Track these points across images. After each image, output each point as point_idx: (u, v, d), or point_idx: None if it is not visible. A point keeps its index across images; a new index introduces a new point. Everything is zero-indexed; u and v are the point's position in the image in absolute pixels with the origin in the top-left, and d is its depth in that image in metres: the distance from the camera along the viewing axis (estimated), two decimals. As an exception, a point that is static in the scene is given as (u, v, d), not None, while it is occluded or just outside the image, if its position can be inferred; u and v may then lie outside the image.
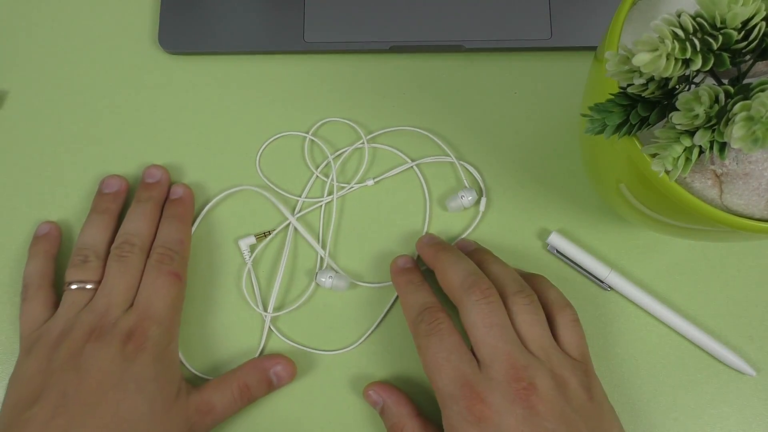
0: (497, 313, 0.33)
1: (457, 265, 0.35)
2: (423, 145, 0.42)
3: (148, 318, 0.36)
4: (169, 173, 0.42)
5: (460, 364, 0.32)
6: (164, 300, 0.37)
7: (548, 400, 0.31)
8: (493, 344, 0.32)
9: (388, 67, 0.44)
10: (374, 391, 0.37)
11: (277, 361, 0.38)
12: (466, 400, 0.31)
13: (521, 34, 0.42)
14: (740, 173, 0.26)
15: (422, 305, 0.35)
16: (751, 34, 0.22)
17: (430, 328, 0.34)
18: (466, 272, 0.35)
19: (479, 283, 0.34)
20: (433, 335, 0.33)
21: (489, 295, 0.33)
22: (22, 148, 0.43)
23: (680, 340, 0.39)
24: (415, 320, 0.35)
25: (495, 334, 0.32)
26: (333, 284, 0.40)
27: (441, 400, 0.33)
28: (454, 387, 0.32)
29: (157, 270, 0.37)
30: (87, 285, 0.37)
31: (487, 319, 0.33)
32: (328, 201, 0.42)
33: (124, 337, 0.35)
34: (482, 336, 0.33)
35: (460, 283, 0.34)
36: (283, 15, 0.43)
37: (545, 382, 0.31)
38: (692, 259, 0.40)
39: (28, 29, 0.45)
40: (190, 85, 0.44)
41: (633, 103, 0.25)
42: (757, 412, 0.38)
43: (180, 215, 0.40)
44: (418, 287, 0.37)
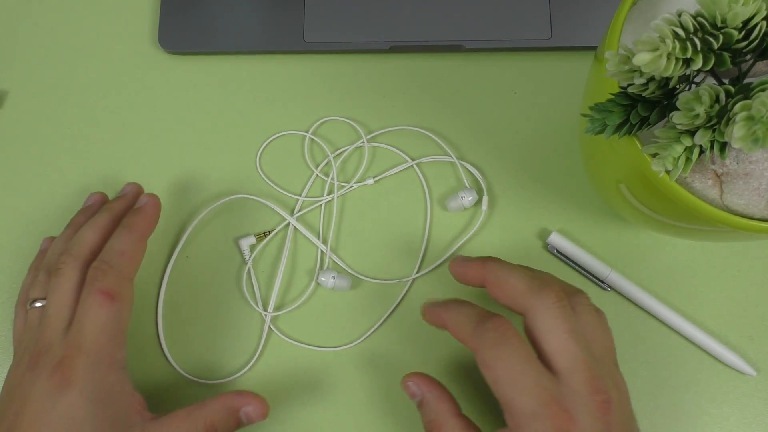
0: (572, 318, 0.30)
1: (517, 270, 0.32)
2: (423, 144, 0.42)
3: (76, 346, 0.32)
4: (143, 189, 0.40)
5: (539, 377, 0.29)
6: (93, 324, 0.32)
7: (618, 412, 0.29)
8: (572, 352, 0.29)
9: (388, 67, 0.44)
10: (414, 383, 0.34)
11: (248, 401, 0.34)
12: (553, 419, 0.28)
13: (521, 34, 0.42)
14: (741, 173, 0.26)
15: (477, 315, 0.31)
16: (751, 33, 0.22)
17: (498, 337, 0.30)
18: (530, 276, 0.31)
19: (549, 285, 0.31)
20: (503, 345, 0.29)
21: (561, 299, 0.30)
22: (22, 148, 0.43)
23: (680, 340, 0.39)
24: (476, 330, 0.30)
25: (573, 341, 0.29)
26: (335, 284, 0.39)
27: (516, 419, 0.29)
28: (536, 404, 0.28)
29: (89, 287, 0.33)
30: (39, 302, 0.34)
31: (565, 325, 0.29)
32: (329, 200, 0.42)
33: (52, 369, 0.31)
34: (560, 343, 0.29)
35: (528, 287, 0.31)
36: (283, 15, 0.43)
37: (615, 392, 0.29)
38: (692, 259, 0.40)
39: (28, 29, 0.45)
40: (190, 85, 0.44)
41: (633, 103, 0.25)
42: (757, 412, 0.38)
43: (131, 224, 0.36)
44: (462, 304, 0.33)
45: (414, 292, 0.40)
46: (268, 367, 0.40)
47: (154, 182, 0.42)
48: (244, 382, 0.39)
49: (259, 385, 0.39)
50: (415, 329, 0.40)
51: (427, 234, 0.41)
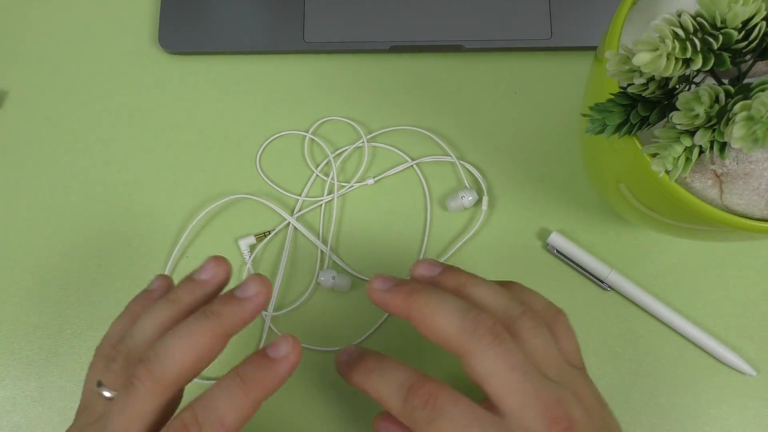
0: (513, 351, 0.27)
1: (445, 307, 0.28)
2: (423, 144, 0.42)
3: None
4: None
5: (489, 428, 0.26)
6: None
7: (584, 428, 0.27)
8: (520, 390, 0.26)
9: (388, 67, 0.44)
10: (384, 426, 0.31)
11: None
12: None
13: (521, 34, 0.42)
14: (740, 173, 0.26)
15: (401, 387, 0.27)
16: (751, 33, 0.22)
17: (429, 414, 0.26)
18: (460, 313, 0.28)
19: (481, 321, 0.27)
20: (437, 419, 0.26)
21: (498, 334, 0.27)
22: (22, 148, 0.43)
23: (680, 340, 0.39)
24: (405, 411, 0.27)
25: (518, 377, 0.27)
26: (335, 284, 0.39)
27: None
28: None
29: None
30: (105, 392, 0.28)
31: (508, 363, 0.27)
32: (329, 200, 0.42)
33: None
34: (505, 384, 0.27)
35: (459, 330, 0.27)
36: (283, 15, 0.43)
37: (577, 410, 0.27)
38: (692, 259, 0.40)
39: (28, 29, 0.45)
40: (190, 85, 0.44)
41: (633, 103, 0.25)
42: (757, 412, 0.38)
43: (253, 381, 0.27)
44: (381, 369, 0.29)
45: (414, 292, 0.40)
46: (268, 367, 0.40)
47: (155, 182, 0.42)
48: (244, 382, 0.39)
49: (259, 385, 0.39)
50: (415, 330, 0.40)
51: (427, 234, 0.41)
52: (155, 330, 0.28)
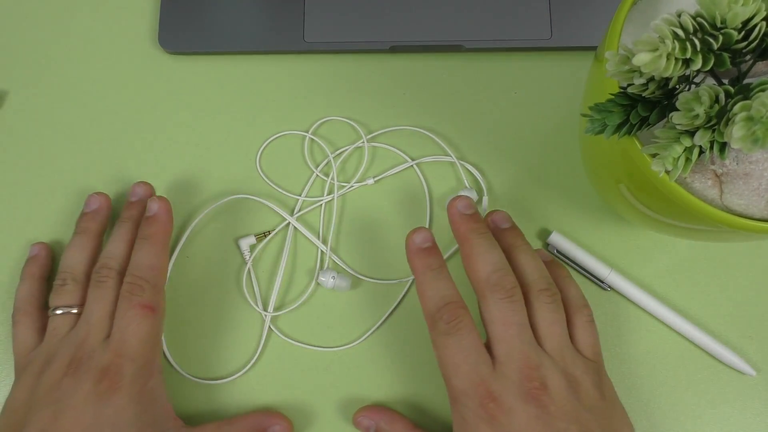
0: (518, 312, 0.33)
1: (487, 255, 0.34)
2: (423, 144, 0.42)
3: (122, 355, 0.34)
4: (154, 189, 0.41)
5: (477, 364, 0.32)
6: (136, 335, 0.34)
7: (560, 399, 0.31)
8: (509, 342, 0.32)
9: (388, 67, 0.44)
10: (364, 416, 0.37)
11: (277, 421, 0.37)
12: (480, 398, 0.31)
13: (521, 34, 0.42)
14: (740, 173, 0.26)
15: (441, 299, 0.33)
16: (751, 34, 0.22)
17: (449, 328, 0.32)
18: (494, 266, 0.33)
19: (504, 281, 0.33)
20: (452, 335, 0.32)
21: (512, 294, 0.33)
22: (22, 148, 0.43)
23: (680, 340, 0.39)
24: (433, 316, 0.33)
25: (512, 333, 0.32)
26: (335, 284, 0.39)
27: (453, 397, 0.33)
28: (468, 385, 0.32)
29: (128, 302, 0.35)
30: (70, 309, 0.36)
31: (508, 318, 0.32)
32: (329, 200, 0.42)
33: (98, 375, 0.33)
34: (500, 333, 0.32)
35: (486, 278, 0.33)
36: (283, 15, 0.43)
37: (557, 382, 0.32)
38: (692, 259, 0.40)
39: (28, 29, 0.45)
40: (190, 85, 0.44)
41: (633, 103, 0.25)
42: (757, 412, 0.38)
43: (152, 235, 0.37)
44: (437, 275, 0.34)
45: (414, 292, 0.40)
46: (268, 367, 0.40)
47: (155, 182, 0.42)
48: (244, 382, 0.39)
49: (259, 385, 0.39)
50: (415, 330, 0.40)
51: (427, 234, 0.41)
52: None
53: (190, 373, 0.39)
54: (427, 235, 0.35)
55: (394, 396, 0.39)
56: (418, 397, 0.39)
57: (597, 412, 0.32)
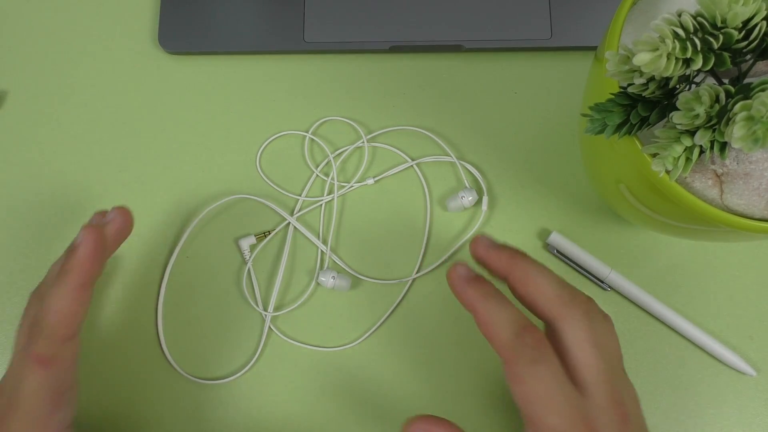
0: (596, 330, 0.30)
1: (547, 275, 0.31)
2: (423, 144, 0.42)
3: (9, 406, 0.31)
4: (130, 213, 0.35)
5: (570, 396, 0.28)
6: (27, 389, 0.31)
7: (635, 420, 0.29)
8: (596, 365, 0.29)
9: (388, 67, 0.44)
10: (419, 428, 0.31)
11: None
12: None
13: (521, 34, 0.42)
14: (741, 173, 0.26)
15: (517, 323, 0.29)
16: (751, 33, 0.22)
17: (536, 355, 0.28)
18: (560, 283, 0.30)
19: (578, 296, 0.30)
20: (540, 363, 0.28)
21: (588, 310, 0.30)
22: (22, 148, 0.43)
23: (680, 340, 0.39)
24: (513, 344, 0.29)
25: (597, 354, 0.29)
26: (335, 284, 0.39)
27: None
28: (567, 424, 0.28)
29: (23, 352, 0.31)
30: None
31: (591, 338, 0.29)
32: (329, 200, 0.42)
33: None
34: (588, 358, 0.29)
35: (558, 295, 0.30)
36: (283, 15, 0.43)
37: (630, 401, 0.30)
38: (692, 259, 0.40)
39: (28, 29, 0.45)
40: (190, 85, 0.44)
41: (633, 103, 0.25)
42: (757, 412, 0.38)
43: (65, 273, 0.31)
44: (502, 302, 0.30)
45: (414, 292, 0.40)
46: (268, 367, 0.40)
47: (154, 182, 0.42)
48: (244, 382, 0.39)
49: (259, 385, 0.39)
50: (415, 330, 0.40)
51: (427, 234, 0.41)
52: None
53: (190, 373, 0.39)
54: (468, 267, 0.32)
55: (394, 396, 0.39)
56: (418, 397, 0.39)
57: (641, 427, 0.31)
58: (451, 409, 0.39)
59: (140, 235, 0.41)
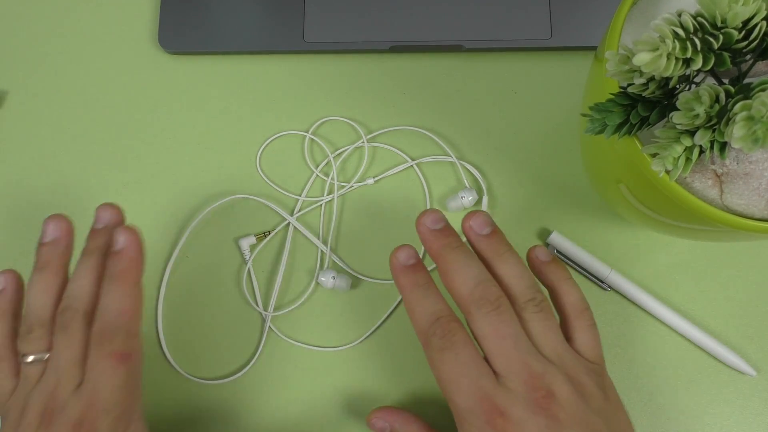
0: (508, 323, 0.31)
1: (465, 271, 0.32)
2: (423, 144, 0.42)
3: (95, 406, 0.31)
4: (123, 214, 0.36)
5: (479, 378, 0.30)
6: (110, 385, 0.32)
7: (568, 406, 0.30)
8: (507, 354, 0.31)
9: (388, 67, 0.44)
10: (379, 418, 0.36)
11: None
12: (486, 414, 0.30)
13: (521, 34, 0.42)
14: (741, 173, 0.26)
15: (432, 315, 0.32)
16: (751, 33, 0.22)
17: (443, 343, 0.31)
18: (475, 280, 0.32)
19: (488, 293, 0.32)
20: (447, 350, 0.31)
21: (499, 306, 0.31)
22: (22, 148, 0.43)
23: (680, 340, 0.39)
24: (426, 333, 0.32)
25: (509, 344, 0.31)
26: (335, 284, 0.39)
27: (459, 416, 0.31)
28: (473, 402, 0.30)
29: (98, 350, 0.32)
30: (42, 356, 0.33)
31: (500, 331, 0.31)
32: (329, 200, 0.42)
33: (73, 428, 0.31)
34: (496, 347, 0.31)
35: (469, 294, 0.32)
36: (283, 15, 0.43)
37: (563, 387, 0.30)
38: (692, 259, 0.40)
39: (28, 29, 0.45)
40: (190, 85, 0.44)
41: (633, 103, 0.25)
42: (757, 412, 0.38)
43: (120, 275, 0.33)
44: (426, 292, 0.33)
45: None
46: (268, 367, 0.40)
47: (154, 182, 0.42)
48: (244, 382, 0.39)
49: (259, 385, 0.39)
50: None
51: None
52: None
53: (191, 373, 0.39)
54: (410, 251, 0.34)
55: (394, 395, 0.39)
56: (418, 397, 0.39)
57: (604, 415, 0.31)
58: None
59: (140, 235, 0.41)
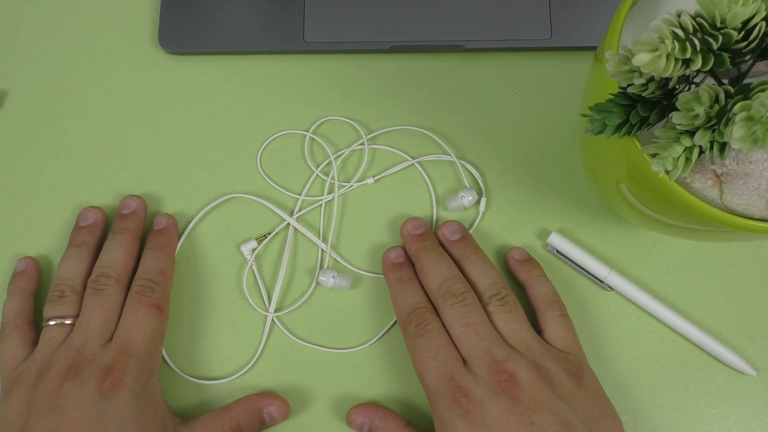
0: (472, 312, 0.35)
1: (436, 269, 0.37)
2: (423, 144, 0.42)
3: (127, 352, 0.35)
4: (146, 203, 0.41)
5: (446, 361, 0.34)
6: (144, 333, 0.36)
7: (531, 389, 0.32)
8: (470, 341, 0.34)
9: (388, 67, 0.44)
10: (358, 414, 0.37)
11: (271, 401, 0.38)
12: (452, 393, 0.33)
13: (521, 34, 0.42)
14: (740, 173, 0.26)
15: (411, 306, 0.36)
16: (751, 34, 0.22)
17: (418, 330, 0.35)
18: (444, 277, 0.36)
19: (454, 288, 0.36)
20: (420, 336, 0.35)
21: (464, 298, 0.35)
22: (22, 148, 0.43)
23: (680, 340, 0.39)
24: (404, 321, 0.36)
25: (471, 332, 0.34)
26: (335, 284, 0.39)
27: (429, 396, 0.34)
28: (440, 382, 0.33)
29: (138, 302, 0.36)
30: (65, 320, 0.36)
31: (463, 320, 0.34)
32: (329, 199, 0.42)
33: (101, 374, 0.34)
34: (460, 335, 0.34)
35: (438, 287, 0.36)
36: (283, 15, 0.43)
37: (527, 373, 0.33)
38: (692, 259, 0.40)
39: (28, 29, 0.45)
40: (190, 85, 0.44)
41: (633, 103, 0.25)
42: (757, 412, 0.38)
43: (162, 246, 0.39)
44: (408, 286, 0.37)
45: (414, 292, 0.40)
46: (269, 367, 0.40)
47: (155, 182, 0.42)
48: (244, 382, 0.39)
49: (260, 386, 0.39)
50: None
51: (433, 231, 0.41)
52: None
53: (190, 373, 0.39)
54: (399, 251, 0.39)
55: (394, 395, 0.39)
56: (419, 397, 0.39)
57: (573, 401, 0.33)
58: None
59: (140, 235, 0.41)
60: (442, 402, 0.33)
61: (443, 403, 0.33)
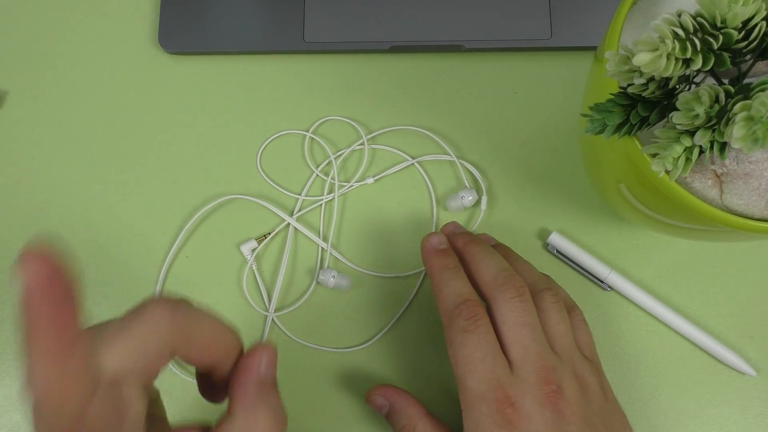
0: (530, 312, 0.32)
1: (490, 260, 0.34)
2: (423, 144, 0.42)
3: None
4: None
5: (495, 365, 0.31)
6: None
7: (573, 403, 0.31)
8: (525, 344, 0.31)
9: (388, 67, 0.44)
10: (379, 395, 0.36)
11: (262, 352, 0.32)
12: (498, 403, 0.30)
13: (521, 34, 0.42)
14: (740, 173, 0.26)
15: (459, 296, 0.33)
16: (751, 33, 0.22)
17: (467, 324, 0.32)
18: (499, 268, 0.33)
19: (513, 279, 0.33)
20: (470, 333, 0.32)
21: (522, 293, 0.32)
22: (22, 148, 0.43)
23: (680, 340, 0.39)
24: (451, 313, 0.33)
25: (527, 334, 0.32)
26: (336, 283, 0.39)
27: (467, 400, 0.31)
28: (485, 388, 0.30)
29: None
30: None
31: (521, 318, 0.32)
32: (329, 199, 0.42)
33: None
34: (515, 335, 0.32)
35: (494, 278, 0.33)
36: (283, 15, 0.43)
37: (571, 384, 0.31)
38: (692, 259, 0.40)
39: (28, 29, 0.45)
40: (190, 85, 0.44)
41: (633, 103, 0.25)
42: (757, 412, 0.38)
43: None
44: (455, 275, 0.34)
45: (418, 292, 0.40)
46: (268, 367, 0.40)
47: (155, 182, 0.42)
48: (244, 382, 0.39)
49: (259, 385, 0.39)
50: (417, 329, 0.40)
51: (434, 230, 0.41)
52: None
53: (191, 373, 0.39)
54: (442, 238, 0.36)
55: (394, 396, 0.39)
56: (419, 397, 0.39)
57: (603, 414, 0.32)
58: (454, 410, 0.39)
59: (140, 235, 0.41)
60: (483, 409, 0.30)
61: (484, 411, 0.30)
